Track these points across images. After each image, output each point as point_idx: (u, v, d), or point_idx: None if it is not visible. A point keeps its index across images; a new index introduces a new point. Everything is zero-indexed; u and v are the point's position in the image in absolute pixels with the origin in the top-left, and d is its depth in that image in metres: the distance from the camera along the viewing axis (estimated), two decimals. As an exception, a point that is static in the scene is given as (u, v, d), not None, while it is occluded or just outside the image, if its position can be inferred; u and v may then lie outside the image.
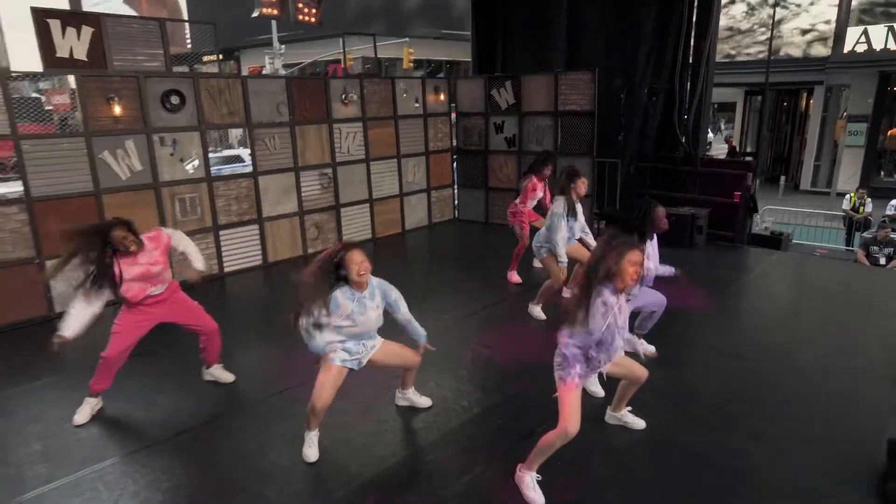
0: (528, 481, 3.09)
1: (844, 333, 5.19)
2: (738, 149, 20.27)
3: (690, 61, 7.97)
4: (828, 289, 6.57)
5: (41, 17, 5.38)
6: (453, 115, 9.73)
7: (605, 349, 3.00)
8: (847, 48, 15.15)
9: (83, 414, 3.89)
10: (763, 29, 16.57)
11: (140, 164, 6.22)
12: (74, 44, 5.57)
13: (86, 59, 5.68)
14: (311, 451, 3.40)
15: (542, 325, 5.34)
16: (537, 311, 5.43)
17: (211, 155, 13.51)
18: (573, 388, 3.00)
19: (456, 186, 10.04)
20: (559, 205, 5.10)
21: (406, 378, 3.86)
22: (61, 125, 5.86)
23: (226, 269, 7.17)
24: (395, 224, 9.17)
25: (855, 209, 10.67)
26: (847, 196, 10.99)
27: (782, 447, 3.53)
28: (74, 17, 5.62)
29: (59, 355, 3.81)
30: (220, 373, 4.39)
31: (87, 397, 3.93)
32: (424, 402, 3.97)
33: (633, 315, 4.54)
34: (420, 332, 3.58)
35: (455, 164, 9.96)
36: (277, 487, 3.24)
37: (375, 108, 8.51)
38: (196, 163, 6.69)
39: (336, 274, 3.23)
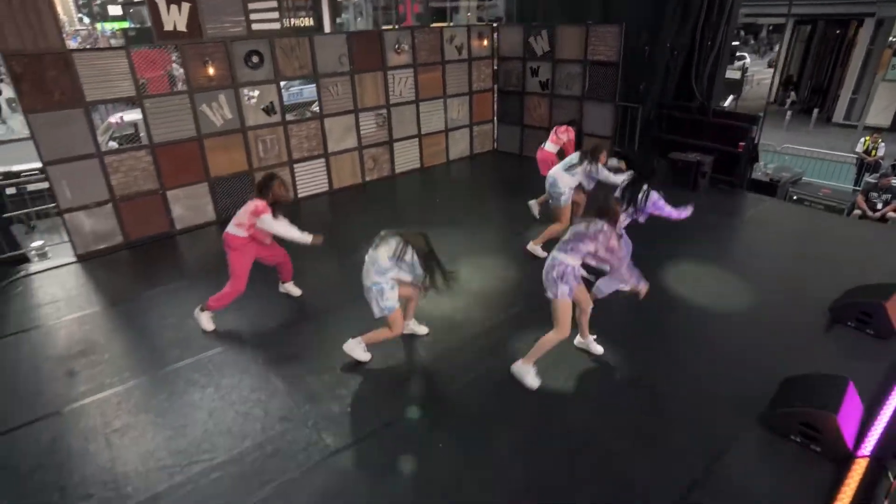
0: (531, 370, 3.93)
1: (796, 282, 5.45)
2: (784, 75, 18.64)
3: (713, 20, 7.61)
4: (802, 237, 6.68)
5: (151, -2, 5.95)
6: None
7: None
8: (905, -21, 13.36)
9: (209, 324, 4.81)
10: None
11: (230, 113, 6.94)
12: (177, 18, 6.14)
13: (185, 31, 6.26)
14: (366, 355, 4.33)
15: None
16: (538, 250, 5.99)
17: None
18: (568, 302, 3.74)
19: (496, 121, 10.26)
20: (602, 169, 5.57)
21: (409, 310, 4.51)
22: (175, 48, 6.49)
23: (299, 195, 8.02)
24: (440, 155, 9.64)
25: (867, 152, 10.16)
26: (861, 139, 10.41)
27: (705, 379, 4.11)
28: (176, -4, 6.13)
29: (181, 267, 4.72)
30: (291, 288, 5.33)
31: (207, 311, 4.81)
32: (422, 330, 4.67)
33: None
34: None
35: (496, 102, 10.11)
36: (333, 375, 4.21)
37: (425, 55, 8.72)
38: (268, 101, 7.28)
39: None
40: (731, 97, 8.25)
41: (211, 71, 6.57)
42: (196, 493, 3.19)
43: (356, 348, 4.30)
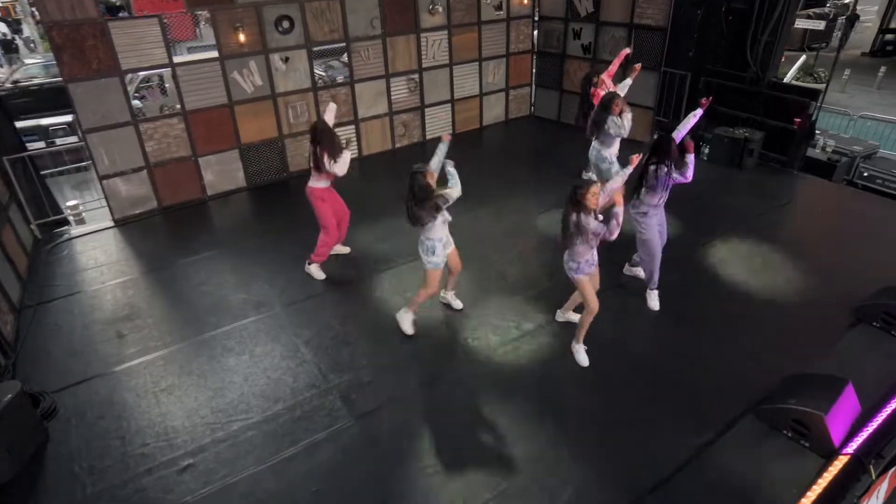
0: (580, 349, 4.71)
1: (826, 276, 5.73)
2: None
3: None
4: (845, 227, 6.79)
5: (183, -35, 6.52)
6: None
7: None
8: None
9: (319, 274, 5.85)
10: None
11: (261, 80, 7.57)
12: (209, -16, 6.72)
13: (217, -4, 6.85)
14: (410, 329, 5.01)
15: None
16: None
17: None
18: (588, 280, 4.48)
19: (534, 85, 10.56)
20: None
21: (450, 282, 5.20)
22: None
23: (328, 162, 8.65)
24: (473, 120, 10.09)
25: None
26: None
27: (715, 365, 4.63)
28: (206, -38, 6.68)
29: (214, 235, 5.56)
30: (340, 248, 6.12)
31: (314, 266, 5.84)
32: (457, 304, 5.34)
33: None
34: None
35: (534, 65, 10.39)
36: (355, 346, 4.93)
37: (460, 15, 9.06)
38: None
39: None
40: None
41: (242, 37, 7.16)
42: (235, 447, 3.99)
43: (405, 319, 5.00)
